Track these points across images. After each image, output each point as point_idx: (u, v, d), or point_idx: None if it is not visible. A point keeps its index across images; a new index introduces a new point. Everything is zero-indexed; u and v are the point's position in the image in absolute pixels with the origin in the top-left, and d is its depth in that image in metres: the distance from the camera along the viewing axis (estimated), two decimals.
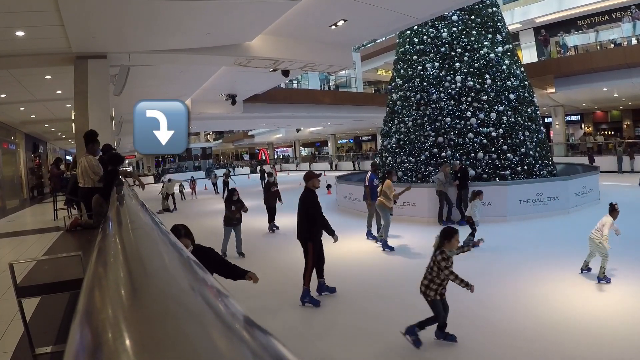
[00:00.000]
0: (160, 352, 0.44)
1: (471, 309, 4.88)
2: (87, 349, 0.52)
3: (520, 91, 11.81)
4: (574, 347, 3.81)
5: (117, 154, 5.69)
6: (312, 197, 5.45)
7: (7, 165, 16.10)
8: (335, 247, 8.44)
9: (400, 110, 12.70)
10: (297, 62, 10.27)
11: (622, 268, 5.73)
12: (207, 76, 13.98)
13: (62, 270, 2.69)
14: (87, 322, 0.62)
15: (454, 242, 3.99)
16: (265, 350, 0.47)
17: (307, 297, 5.23)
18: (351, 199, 12.60)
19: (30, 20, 6.17)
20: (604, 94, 21.80)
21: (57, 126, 17.37)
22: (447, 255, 3.98)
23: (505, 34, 12.59)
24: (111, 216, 2.37)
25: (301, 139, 48.75)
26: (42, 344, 2.44)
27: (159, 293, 0.70)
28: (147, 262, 1.00)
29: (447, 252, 3.99)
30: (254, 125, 36.62)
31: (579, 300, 4.90)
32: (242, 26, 8.27)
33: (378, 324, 4.69)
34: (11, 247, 6.37)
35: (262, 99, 20.96)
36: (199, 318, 0.55)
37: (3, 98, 11.26)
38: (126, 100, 13.03)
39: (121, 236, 1.38)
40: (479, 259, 6.90)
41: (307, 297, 5.23)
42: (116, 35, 7.54)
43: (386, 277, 6.35)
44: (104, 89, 8.20)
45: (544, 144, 12.21)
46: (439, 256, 3.97)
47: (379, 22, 9.15)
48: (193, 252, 2.85)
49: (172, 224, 3.03)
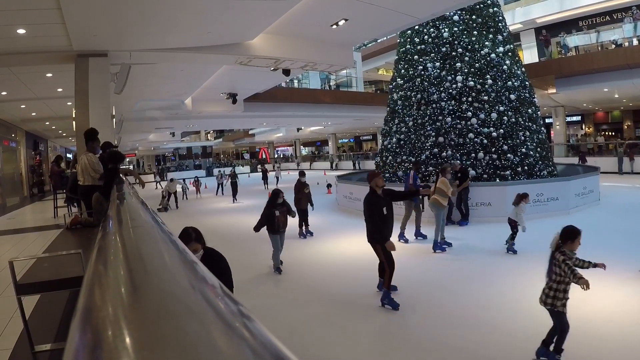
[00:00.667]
0: (159, 350, 0.44)
1: (471, 309, 4.89)
2: (87, 347, 0.52)
3: (521, 91, 11.80)
4: (575, 348, 3.81)
5: (117, 151, 5.69)
6: (368, 198, 5.13)
7: (8, 162, 16.11)
8: (335, 247, 8.49)
9: (401, 110, 12.70)
10: (298, 62, 10.26)
11: (623, 268, 5.73)
12: (207, 75, 13.98)
13: (62, 268, 2.69)
14: (87, 320, 0.62)
15: (576, 243, 3.61)
16: (265, 349, 0.47)
17: (387, 298, 5.06)
18: (351, 198, 12.60)
19: (32, 18, 6.17)
20: (604, 94, 21.78)
21: (57, 124, 17.37)
22: (570, 255, 3.57)
23: (506, 34, 12.58)
24: (111, 214, 2.37)
25: (302, 138, 48.74)
26: (42, 341, 2.44)
27: (158, 291, 0.70)
28: (147, 260, 1.00)
29: (567, 252, 3.57)
30: (254, 124, 36.59)
31: (578, 300, 4.89)
32: (243, 25, 8.27)
33: (378, 323, 4.69)
34: (11, 244, 6.37)
35: (263, 98, 20.94)
36: (198, 316, 0.55)
37: (4, 96, 11.26)
38: (127, 99, 13.07)
39: (121, 234, 1.39)
40: (478, 260, 6.90)
41: (387, 298, 5.06)
42: (117, 33, 7.54)
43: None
44: (104, 87, 8.20)
45: (544, 145, 12.21)
46: (561, 256, 3.52)
47: (380, 22, 9.14)
48: (202, 258, 2.71)
49: (172, 222, 3.03)
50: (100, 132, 5.72)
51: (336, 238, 9.20)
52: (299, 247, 8.58)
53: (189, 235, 2.73)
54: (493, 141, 11.06)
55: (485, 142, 11.06)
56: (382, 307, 5.05)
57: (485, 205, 9.87)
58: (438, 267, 6.66)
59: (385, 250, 5.08)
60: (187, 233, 2.78)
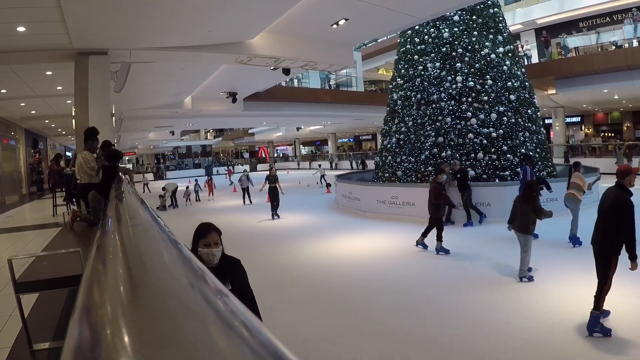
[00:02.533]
0: (158, 349, 0.44)
1: (469, 308, 4.89)
2: (86, 345, 0.52)
3: (520, 92, 11.81)
4: (573, 348, 3.81)
5: (115, 150, 5.69)
6: (625, 200, 4.01)
7: (7, 161, 16.09)
8: (334, 246, 8.49)
9: (401, 110, 12.70)
10: (298, 61, 10.26)
11: (623, 269, 5.73)
12: (207, 73, 13.97)
13: (61, 266, 2.69)
14: (85, 319, 0.62)
15: None
16: (264, 349, 0.47)
17: (598, 325, 4.00)
18: (351, 198, 12.60)
19: (32, 15, 6.16)
20: (604, 95, 21.81)
21: (57, 122, 17.35)
22: None
23: (507, 35, 12.59)
24: (110, 213, 2.37)
25: (301, 137, 48.73)
26: (40, 339, 2.44)
27: (157, 290, 0.70)
28: (146, 258, 1.00)
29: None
30: (254, 123, 36.57)
31: (578, 300, 4.90)
32: (243, 24, 8.26)
33: (378, 323, 4.69)
34: (10, 242, 6.36)
35: (263, 97, 20.94)
36: (197, 315, 0.55)
37: (3, 93, 11.24)
38: (127, 97, 13.05)
39: (120, 233, 1.39)
40: (477, 260, 6.90)
41: (598, 325, 4.00)
42: (117, 31, 7.53)
43: (389, 275, 6.34)
44: (104, 85, 8.18)
45: (544, 145, 12.22)
46: None
47: (381, 22, 9.14)
48: (223, 263, 2.36)
49: (171, 221, 3.01)
50: (99, 130, 5.73)
51: (336, 238, 9.20)
52: (299, 247, 8.58)
53: (206, 226, 2.39)
54: (493, 141, 11.07)
55: (484, 143, 11.07)
56: (589, 336, 3.97)
57: (484, 206, 9.87)
58: (437, 267, 6.66)
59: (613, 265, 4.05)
60: (204, 225, 2.41)
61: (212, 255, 2.30)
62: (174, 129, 29.66)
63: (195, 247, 2.30)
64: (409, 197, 10.66)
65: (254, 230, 10.67)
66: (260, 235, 9.99)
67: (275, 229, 10.68)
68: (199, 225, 2.41)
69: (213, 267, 2.29)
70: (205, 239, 2.31)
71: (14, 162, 17.14)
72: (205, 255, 2.27)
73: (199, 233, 2.34)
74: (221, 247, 2.37)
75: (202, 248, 2.29)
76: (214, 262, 2.31)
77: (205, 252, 2.28)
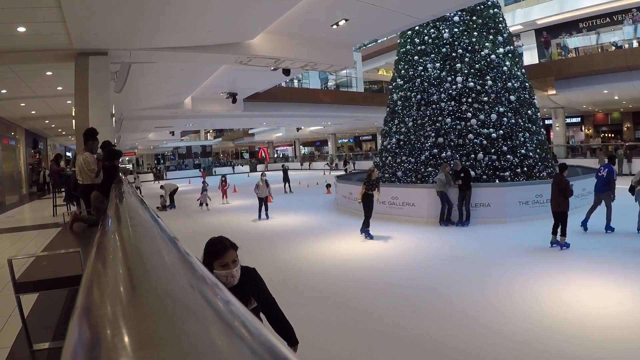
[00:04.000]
0: (158, 349, 0.44)
1: (467, 309, 4.89)
2: (86, 346, 0.52)
3: (520, 93, 11.81)
4: (572, 350, 3.81)
5: (114, 149, 5.68)
6: None
7: (7, 161, 16.09)
8: (334, 247, 8.49)
9: (401, 110, 12.70)
10: (298, 61, 10.27)
11: (622, 270, 5.74)
12: (207, 74, 13.98)
13: (61, 266, 2.69)
14: (85, 319, 0.62)
15: None
16: (264, 348, 0.47)
17: None
18: (350, 198, 12.59)
19: (32, 16, 6.17)
20: (604, 96, 21.81)
21: (57, 122, 17.36)
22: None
23: (507, 36, 12.59)
24: (110, 213, 2.37)
25: (301, 137, 48.73)
26: (40, 340, 2.44)
27: (157, 290, 0.70)
28: (146, 259, 1.00)
29: None
30: (254, 124, 36.57)
31: (578, 301, 4.91)
32: (243, 25, 8.27)
33: (378, 323, 4.69)
34: (10, 242, 6.36)
35: (263, 97, 20.95)
36: (197, 315, 0.55)
37: (3, 94, 11.25)
38: (127, 97, 13.06)
39: (120, 233, 1.39)
40: (476, 260, 6.91)
41: None
42: (117, 32, 7.54)
43: (388, 276, 6.34)
44: (104, 85, 8.19)
45: (544, 146, 12.22)
46: None
47: (381, 22, 9.14)
48: None
49: (172, 221, 3.00)
50: (99, 130, 5.73)
51: (336, 238, 9.20)
52: (299, 247, 8.58)
53: (221, 243, 2.08)
54: (493, 142, 11.07)
55: (484, 143, 11.07)
56: None
57: (484, 206, 9.87)
58: (437, 267, 6.66)
59: None
60: (218, 241, 2.09)
61: (232, 276, 2.04)
62: (174, 129, 29.66)
63: (210, 268, 1.98)
64: (409, 198, 10.65)
65: (254, 230, 10.67)
66: (260, 236, 9.98)
67: (275, 229, 10.67)
68: (210, 241, 2.09)
69: (233, 286, 2.06)
70: (221, 259, 2.03)
71: (14, 162, 17.14)
72: (223, 278, 1.99)
73: (214, 253, 2.04)
74: (239, 264, 2.10)
75: (218, 270, 2.01)
76: (234, 283, 2.06)
77: (224, 274, 2.01)
